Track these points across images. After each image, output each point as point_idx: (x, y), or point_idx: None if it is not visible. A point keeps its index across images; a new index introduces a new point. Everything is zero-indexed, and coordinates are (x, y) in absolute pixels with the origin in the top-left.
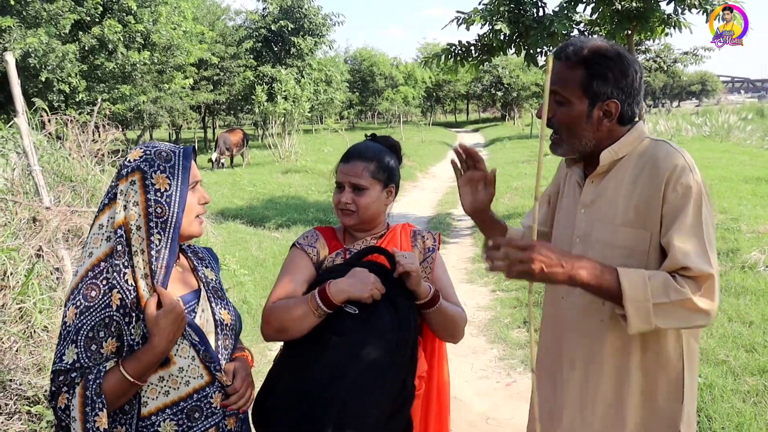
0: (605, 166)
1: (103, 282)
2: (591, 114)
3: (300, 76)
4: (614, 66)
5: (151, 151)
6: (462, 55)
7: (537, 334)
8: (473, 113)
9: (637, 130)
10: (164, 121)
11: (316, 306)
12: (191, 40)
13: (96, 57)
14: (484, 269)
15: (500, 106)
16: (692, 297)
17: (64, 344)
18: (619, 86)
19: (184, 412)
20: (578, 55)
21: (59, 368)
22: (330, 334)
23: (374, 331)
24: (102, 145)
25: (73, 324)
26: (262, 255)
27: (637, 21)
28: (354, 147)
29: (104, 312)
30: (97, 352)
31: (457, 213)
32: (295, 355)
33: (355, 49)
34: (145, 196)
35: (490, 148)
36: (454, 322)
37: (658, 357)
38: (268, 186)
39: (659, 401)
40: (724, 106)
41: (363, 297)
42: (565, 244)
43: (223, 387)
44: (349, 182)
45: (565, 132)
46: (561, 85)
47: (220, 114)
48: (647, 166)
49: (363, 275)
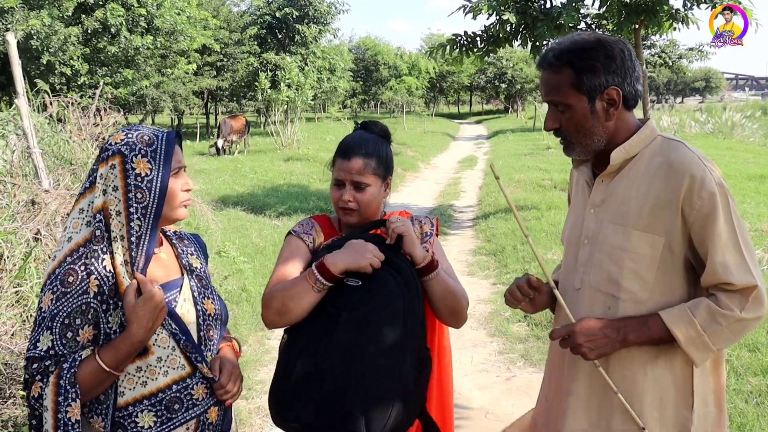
0: (616, 165)
1: (81, 267)
2: (594, 109)
3: (304, 63)
4: (598, 54)
5: (133, 134)
6: (467, 46)
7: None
8: (476, 105)
9: (648, 128)
10: (167, 106)
11: (315, 279)
12: (195, 25)
13: (98, 40)
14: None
15: (503, 99)
16: (742, 314)
17: (39, 330)
18: (610, 71)
19: (162, 403)
20: (560, 58)
21: (33, 355)
22: (338, 310)
23: (382, 299)
24: (103, 128)
25: (48, 310)
26: (262, 242)
27: (645, 15)
28: (352, 141)
29: (81, 298)
30: (73, 339)
31: (458, 204)
32: (304, 338)
33: (359, 38)
34: (125, 180)
35: (492, 140)
36: (455, 296)
37: (669, 364)
38: (269, 173)
39: (668, 408)
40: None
41: (362, 266)
42: (573, 245)
43: (206, 378)
44: (351, 180)
45: (576, 135)
46: (555, 93)
47: (222, 100)
48: (663, 168)
49: (359, 245)
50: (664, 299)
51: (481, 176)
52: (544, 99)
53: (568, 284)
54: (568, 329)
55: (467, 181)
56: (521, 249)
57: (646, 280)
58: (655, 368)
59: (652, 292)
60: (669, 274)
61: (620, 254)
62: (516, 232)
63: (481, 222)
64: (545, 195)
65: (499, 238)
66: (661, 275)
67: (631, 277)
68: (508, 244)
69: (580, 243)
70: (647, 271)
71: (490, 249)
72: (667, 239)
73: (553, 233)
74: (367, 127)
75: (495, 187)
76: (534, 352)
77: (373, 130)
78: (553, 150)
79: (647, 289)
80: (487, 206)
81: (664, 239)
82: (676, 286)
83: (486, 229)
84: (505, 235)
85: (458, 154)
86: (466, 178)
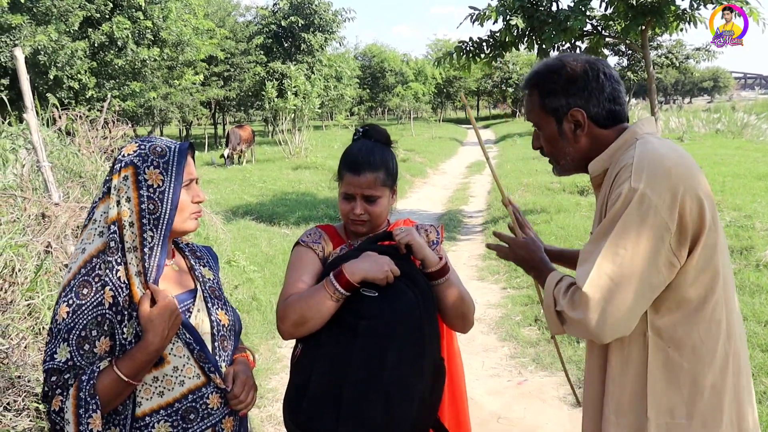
0: (597, 178)
1: (95, 279)
2: (562, 130)
3: (310, 72)
4: (558, 78)
5: (145, 146)
6: (474, 52)
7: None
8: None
9: (629, 132)
10: (174, 117)
11: (334, 289)
12: (201, 36)
13: (105, 54)
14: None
15: (511, 103)
16: (565, 309)
17: (55, 342)
18: (571, 93)
19: (179, 413)
20: (530, 81)
21: (52, 367)
22: (357, 319)
23: (401, 310)
24: (111, 141)
25: (64, 323)
26: (272, 252)
27: (652, 16)
28: (358, 154)
29: (96, 310)
30: (90, 351)
31: (468, 210)
32: (321, 349)
33: (365, 46)
34: (138, 192)
35: (500, 145)
36: (463, 301)
37: (623, 366)
38: (278, 182)
39: (625, 411)
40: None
41: (378, 278)
42: None
43: (221, 389)
44: (362, 194)
45: (552, 154)
46: (529, 114)
47: (230, 110)
48: (614, 171)
49: (376, 257)
50: None
51: (490, 181)
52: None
53: None
54: (512, 238)
55: (476, 186)
56: None
57: None
58: (611, 370)
59: None
60: None
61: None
62: None
63: (491, 226)
64: (554, 198)
65: None
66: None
67: None
68: None
69: None
70: None
71: None
72: None
73: (562, 236)
74: (368, 134)
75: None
76: (545, 356)
77: (375, 137)
78: None
79: None
80: (496, 211)
81: None
82: None
83: None
84: None
85: (466, 159)
86: (474, 183)
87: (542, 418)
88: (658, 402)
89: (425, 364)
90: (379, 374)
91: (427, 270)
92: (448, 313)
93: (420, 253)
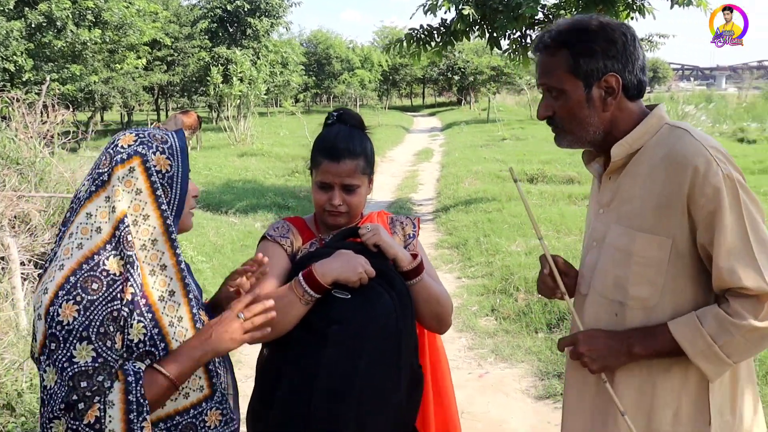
0: (619, 161)
1: (103, 274)
2: (590, 96)
3: (256, 57)
4: (598, 37)
5: (144, 134)
6: (425, 40)
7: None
8: (429, 97)
9: (654, 116)
10: (116, 102)
11: (303, 291)
12: (144, 19)
13: (44, 35)
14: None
15: (456, 91)
16: (755, 322)
17: (68, 345)
18: (610, 56)
19: (178, 428)
20: (557, 39)
21: (79, 370)
22: (327, 323)
23: (376, 314)
24: (51, 126)
25: (77, 321)
26: (220, 241)
27: (603, 5)
28: (336, 139)
29: (111, 305)
30: (113, 348)
31: (417, 197)
32: (288, 353)
33: (311, 32)
34: (149, 180)
35: (447, 132)
36: (439, 301)
37: (683, 375)
38: (224, 170)
39: (683, 424)
40: (675, 93)
41: (351, 280)
42: (584, 248)
43: (218, 404)
44: (341, 183)
45: (568, 123)
46: (549, 76)
47: (173, 96)
48: (665, 162)
49: (349, 256)
50: (676, 305)
51: (438, 168)
52: (538, 83)
53: (578, 289)
54: (573, 338)
55: (424, 174)
56: (484, 242)
57: (655, 285)
58: (668, 381)
59: (662, 298)
60: (679, 278)
61: (626, 258)
62: (478, 224)
63: (442, 215)
64: (504, 186)
65: (461, 231)
66: (671, 279)
67: (639, 282)
68: (471, 237)
69: (590, 246)
70: (656, 275)
71: (452, 242)
72: (674, 240)
73: (515, 225)
74: (343, 118)
75: (453, 180)
76: (504, 347)
77: (350, 122)
78: (509, 141)
79: (657, 294)
80: (446, 199)
81: (672, 241)
82: (688, 291)
83: (447, 222)
84: (466, 227)
85: (414, 146)
86: (423, 171)
87: (506, 412)
88: (717, 406)
89: (402, 372)
90: (350, 382)
91: (399, 269)
92: (422, 313)
93: (390, 252)
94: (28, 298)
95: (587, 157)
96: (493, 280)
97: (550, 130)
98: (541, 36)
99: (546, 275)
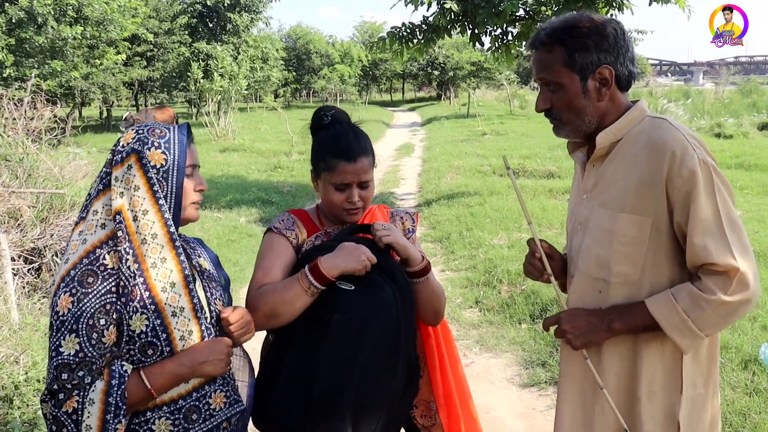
0: (604, 149)
1: (100, 268)
2: (586, 88)
3: (236, 53)
4: (590, 32)
5: (144, 130)
6: (407, 38)
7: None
8: (409, 92)
9: (637, 109)
10: (96, 97)
11: (309, 284)
12: (124, 14)
13: (24, 30)
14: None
15: (436, 86)
16: (724, 297)
17: (59, 335)
18: (602, 49)
19: (181, 411)
20: (552, 36)
21: (61, 362)
22: (330, 312)
23: (377, 305)
24: (39, 122)
25: (70, 313)
26: (205, 236)
27: (584, 2)
28: (347, 140)
29: (104, 298)
30: (99, 341)
31: (399, 192)
32: (292, 341)
33: (290, 27)
34: (146, 176)
35: (427, 128)
36: (439, 297)
37: (660, 350)
38: (206, 165)
39: (657, 394)
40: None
41: (356, 270)
42: (569, 233)
43: (221, 386)
44: (359, 181)
45: (567, 114)
46: (547, 72)
47: (153, 91)
48: (646, 147)
49: (352, 247)
50: (655, 280)
51: (420, 163)
52: (535, 78)
53: (568, 271)
54: (556, 317)
55: (406, 169)
56: (467, 235)
57: (636, 262)
58: (647, 354)
59: (643, 273)
60: (658, 254)
61: (609, 238)
62: (461, 218)
63: (424, 209)
64: (486, 181)
65: (443, 225)
66: (650, 256)
67: (621, 260)
68: (454, 231)
69: (575, 230)
70: (636, 252)
71: (435, 236)
72: (654, 219)
73: (497, 218)
74: (339, 117)
75: (434, 174)
76: (489, 338)
77: (345, 120)
78: (489, 136)
79: (638, 270)
80: (428, 193)
81: (651, 219)
82: (666, 267)
83: (429, 216)
84: (449, 221)
85: (394, 142)
86: (404, 166)
87: (493, 400)
88: (690, 378)
89: (399, 362)
90: (350, 370)
91: (409, 269)
92: (423, 308)
93: (403, 253)
94: (19, 293)
95: (572, 146)
96: (476, 272)
97: (549, 122)
98: (537, 34)
99: (534, 258)
